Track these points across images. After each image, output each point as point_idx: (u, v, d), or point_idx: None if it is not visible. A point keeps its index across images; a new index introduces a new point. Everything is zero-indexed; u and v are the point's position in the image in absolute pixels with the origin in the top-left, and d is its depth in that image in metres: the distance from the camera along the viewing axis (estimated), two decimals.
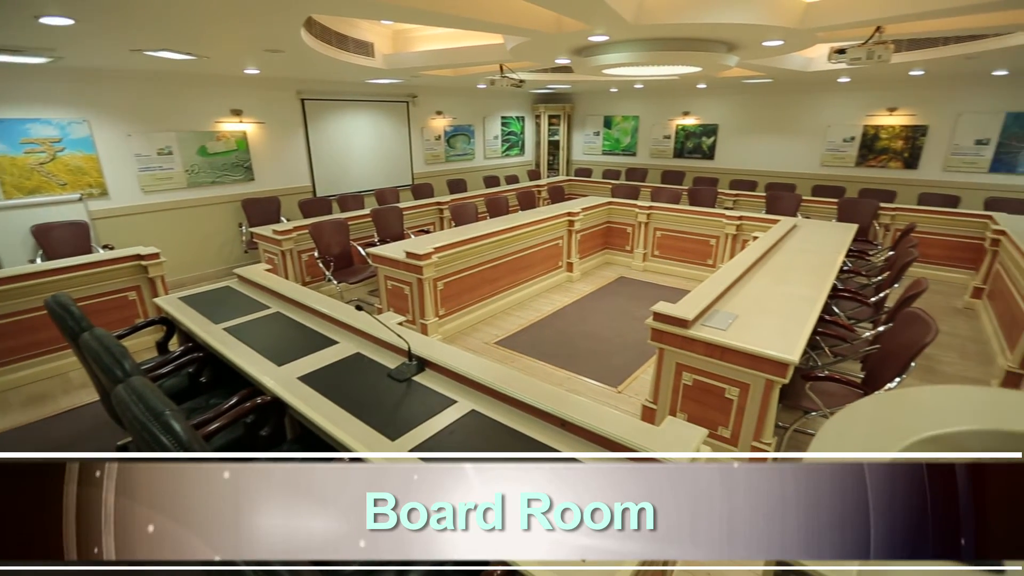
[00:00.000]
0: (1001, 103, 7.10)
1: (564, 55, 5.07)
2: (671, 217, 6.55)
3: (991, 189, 7.16)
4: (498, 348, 4.54)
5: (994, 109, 7.15)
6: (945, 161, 7.63)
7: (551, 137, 11.91)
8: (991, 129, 7.21)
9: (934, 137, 7.66)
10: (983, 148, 7.30)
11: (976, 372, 4.07)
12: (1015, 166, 7.15)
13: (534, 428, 1.82)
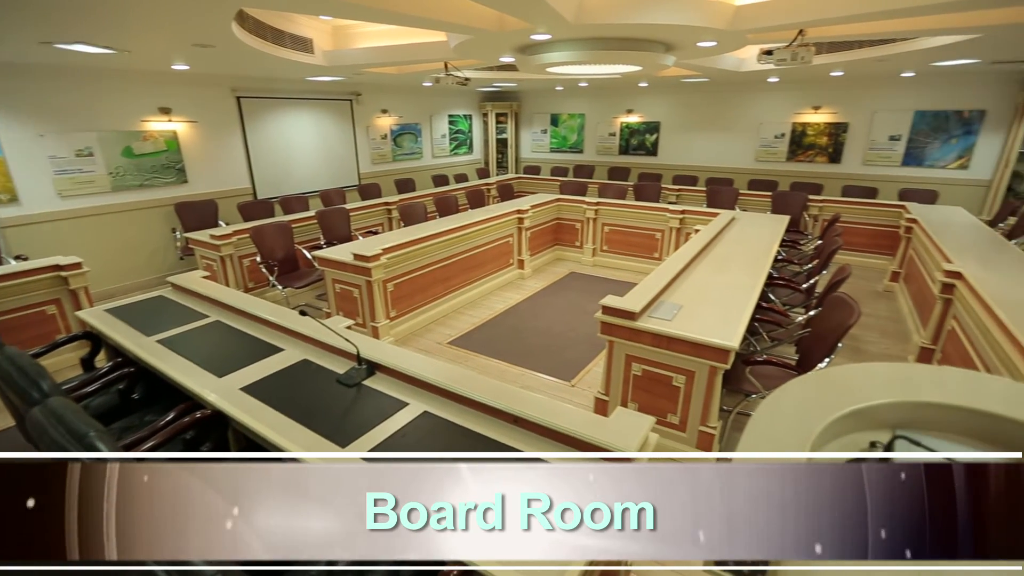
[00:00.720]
0: (910, 102, 7.73)
1: (508, 53, 5.09)
2: (618, 212, 6.72)
3: (904, 181, 7.79)
4: (451, 348, 4.52)
5: (904, 108, 7.77)
6: (864, 156, 8.22)
7: (499, 135, 11.94)
8: (902, 126, 7.84)
9: (854, 133, 8.24)
10: (896, 144, 7.93)
11: (895, 349, 4.42)
12: (923, 160, 7.81)
13: (487, 426, 1.83)
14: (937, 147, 7.69)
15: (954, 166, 7.63)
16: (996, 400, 1.15)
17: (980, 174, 7.50)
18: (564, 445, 1.70)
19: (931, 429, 1.22)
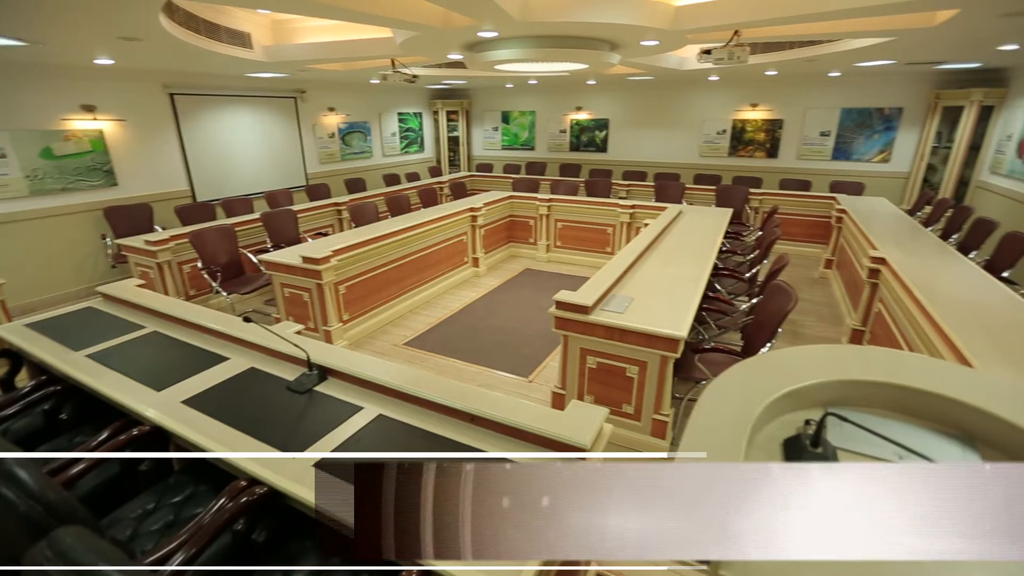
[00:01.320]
0: (837, 100, 8.23)
1: (456, 51, 5.06)
2: (570, 208, 6.82)
3: (834, 174, 8.30)
4: (407, 349, 4.46)
5: (832, 105, 8.27)
6: (798, 150, 8.70)
7: (451, 133, 11.85)
8: (831, 122, 8.34)
9: (788, 129, 8.70)
10: (826, 139, 8.43)
11: (830, 332, 4.71)
12: (850, 154, 8.34)
13: (443, 426, 1.82)
14: (862, 142, 8.23)
15: (877, 159, 8.20)
16: (913, 375, 1.25)
17: (900, 167, 8.09)
18: (521, 441, 1.72)
19: (858, 405, 1.31)
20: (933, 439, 1.19)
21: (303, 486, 1.52)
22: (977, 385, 1.22)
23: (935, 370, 1.31)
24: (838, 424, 1.20)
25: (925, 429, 1.23)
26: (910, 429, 1.22)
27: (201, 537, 1.40)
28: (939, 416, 1.24)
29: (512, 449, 1.69)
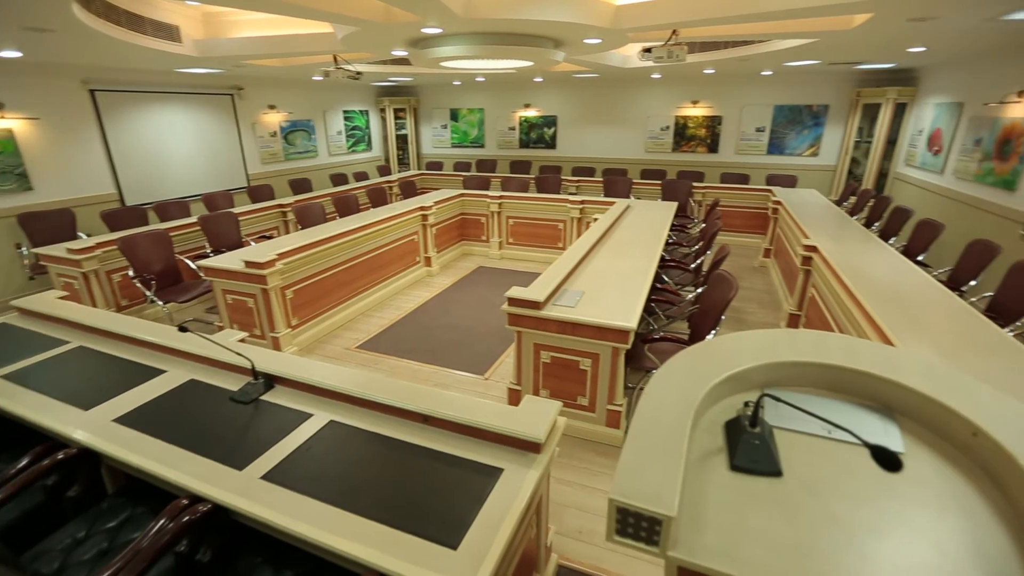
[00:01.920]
0: (770, 97, 8.67)
1: (400, 47, 4.97)
2: (521, 205, 6.86)
3: (769, 168, 8.75)
4: (360, 352, 4.36)
5: (766, 102, 8.71)
6: (737, 146, 9.10)
7: (399, 131, 11.65)
8: (765, 119, 8.78)
9: (727, 126, 9.09)
10: (761, 134, 8.87)
11: (770, 317, 4.97)
12: (783, 148, 8.82)
13: (396, 428, 1.80)
14: (794, 137, 8.72)
15: (807, 153, 8.70)
16: (837, 354, 1.34)
17: (828, 160, 8.62)
18: (476, 439, 1.72)
19: (792, 385, 1.40)
20: (858, 413, 1.28)
21: (250, 500, 1.46)
22: (894, 362, 1.32)
23: (858, 349, 1.41)
24: (774, 404, 1.27)
25: (851, 404, 1.32)
26: (838, 405, 1.31)
27: (139, 562, 1.32)
28: (863, 391, 1.33)
29: (467, 448, 1.69)
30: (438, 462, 1.64)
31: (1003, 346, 2.38)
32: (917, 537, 0.96)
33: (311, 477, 1.57)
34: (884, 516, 1.01)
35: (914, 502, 1.04)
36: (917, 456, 1.15)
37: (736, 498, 1.06)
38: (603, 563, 2.32)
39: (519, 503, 1.44)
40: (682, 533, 0.98)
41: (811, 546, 0.96)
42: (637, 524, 0.96)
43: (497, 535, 1.33)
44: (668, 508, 0.92)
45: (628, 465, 1.02)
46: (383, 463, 1.65)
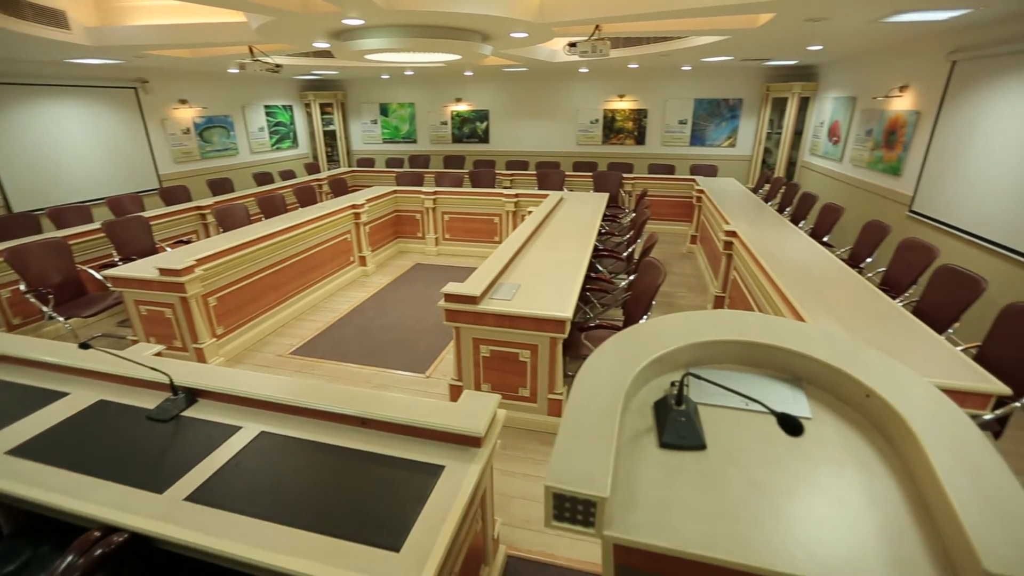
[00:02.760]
0: (691, 91, 9.11)
1: (321, 39, 4.76)
2: (456, 200, 6.81)
3: (692, 158, 9.21)
4: (295, 358, 4.18)
5: (687, 96, 9.14)
6: (662, 138, 9.50)
7: (326, 127, 11.19)
8: (687, 112, 9.22)
9: (652, 118, 9.46)
10: (684, 127, 9.30)
11: (699, 301, 5.25)
12: (705, 140, 9.30)
13: (333, 434, 1.74)
14: (713, 129, 9.21)
15: (726, 144, 9.23)
16: (752, 331, 1.44)
17: (744, 150, 9.19)
18: (415, 438, 1.70)
19: (714, 362, 1.48)
20: (771, 384, 1.38)
21: (173, 524, 1.37)
22: (801, 335, 1.44)
23: (771, 325, 1.52)
24: (698, 382, 1.34)
25: (765, 376, 1.42)
26: (754, 378, 1.41)
27: None
28: (775, 364, 1.44)
29: (407, 447, 1.66)
30: (378, 465, 1.61)
31: (894, 315, 2.65)
32: (823, 493, 1.06)
33: (242, 493, 1.49)
34: (795, 477, 1.11)
35: (820, 461, 1.14)
36: (822, 419, 1.26)
37: (666, 473, 1.12)
38: (552, 549, 2.37)
39: (461, 499, 1.44)
40: (616, 512, 1.02)
41: (734, 511, 1.03)
42: (573, 508, 0.99)
43: (440, 533, 1.33)
44: (600, 490, 0.95)
45: (561, 452, 1.04)
46: (320, 471, 1.59)
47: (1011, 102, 3.82)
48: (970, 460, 1.01)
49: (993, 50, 4.02)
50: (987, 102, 4.09)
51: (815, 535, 0.97)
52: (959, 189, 4.32)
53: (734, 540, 0.97)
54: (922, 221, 4.83)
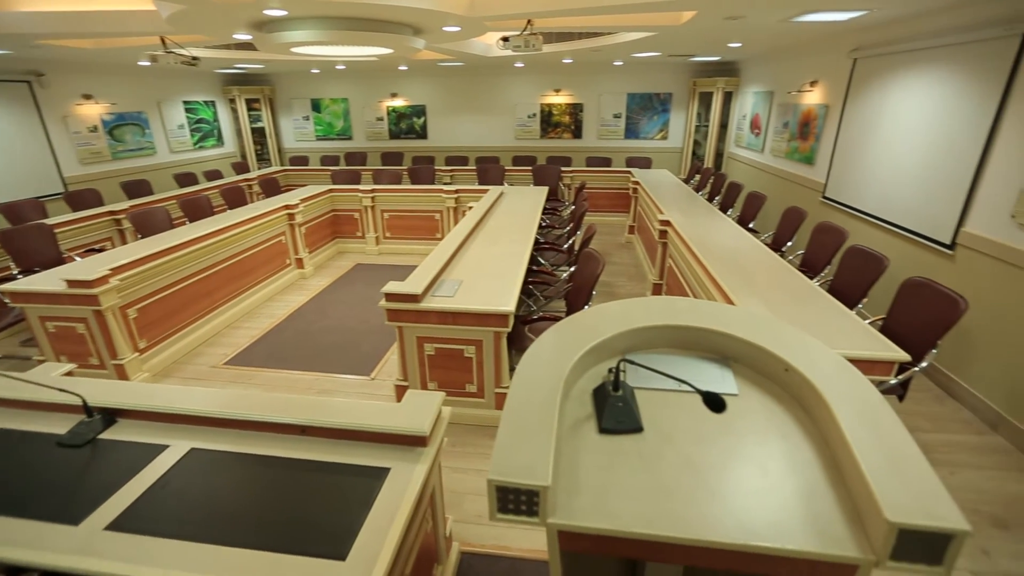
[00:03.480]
0: (623, 86, 9.37)
1: (242, 30, 4.51)
2: (395, 198, 6.68)
3: (627, 151, 9.49)
4: (230, 368, 3.97)
5: (620, 91, 9.39)
6: (598, 131, 9.72)
7: (254, 124, 10.63)
8: (621, 106, 9.48)
9: (588, 112, 9.66)
10: (618, 120, 9.57)
11: (638, 288, 5.43)
12: (639, 133, 9.61)
13: (271, 445, 1.67)
14: (646, 122, 9.54)
15: (658, 137, 9.58)
16: (683, 315, 1.51)
17: (675, 143, 9.58)
18: (358, 442, 1.66)
19: (649, 347, 1.54)
20: (701, 365, 1.45)
21: (92, 557, 1.27)
22: (727, 317, 1.52)
23: (700, 309, 1.59)
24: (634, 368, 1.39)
25: (696, 358, 1.49)
26: (686, 360, 1.48)
27: None
28: (704, 345, 1.51)
29: (350, 452, 1.62)
30: (320, 472, 1.56)
31: (812, 294, 2.86)
32: (749, 464, 1.13)
33: (172, 516, 1.40)
34: (725, 451, 1.17)
35: (746, 434, 1.21)
36: (747, 395, 1.34)
37: (606, 458, 1.15)
38: (505, 541, 2.39)
39: (408, 500, 1.43)
40: (559, 499, 1.04)
41: (671, 489, 1.08)
42: (517, 499, 1.00)
43: (387, 537, 1.31)
44: (542, 479, 0.97)
45: (503, 445, 1.05)
46: (258, 485, 1.53)
47: (904, 96, 4.20)
48: (873, 423, 1.11)
49: (887, 49, 4.40)
50: (884, 96, 4.47)
51: (743, 504, 1.03)
52: (864, 176, 4.71)
53: (671, 516, 1.01)
54: (833, 206, 5.23)
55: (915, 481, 0.97)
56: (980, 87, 3.38)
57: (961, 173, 3.50)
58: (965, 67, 3.53)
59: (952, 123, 3.62)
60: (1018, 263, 3.02)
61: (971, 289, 3.31)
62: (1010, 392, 3.07)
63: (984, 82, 3.35)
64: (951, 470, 2.82)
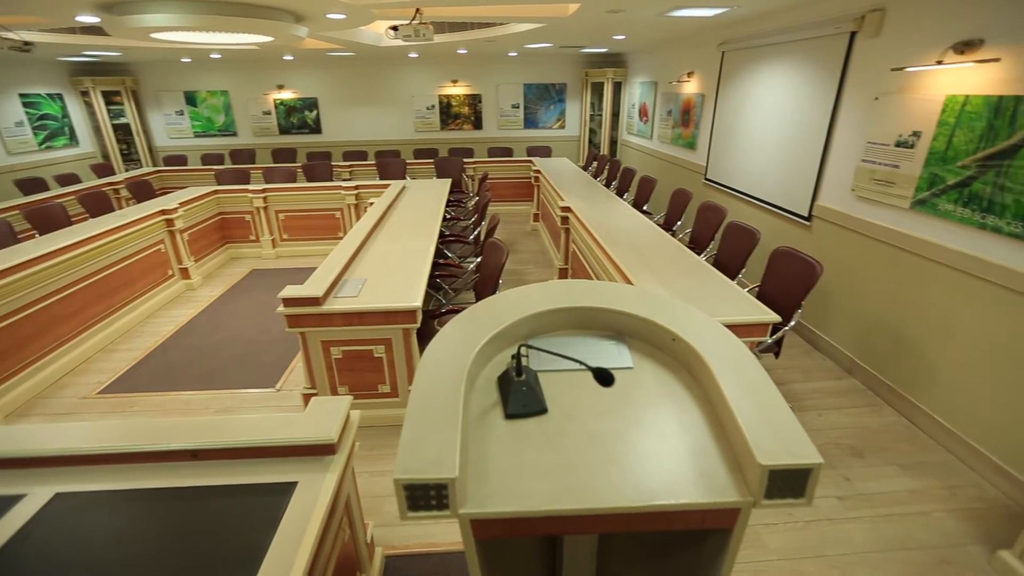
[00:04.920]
0: (520, 76, 9.51)
1: (86, 12, 3.96)
2: (290, 197, 6.28)
3: (527, 140, 9.68)
4: (106, 397, 3.53)
5: (517, 81, 9.53)
6: (498, 122, 9.80)
7: (116, 120, 9.41)
8: (518, 96, 9.62)
9: (487, 103, 9.69)
10: (517, 111, 9.71)
11: (545, 275, 5.59)
12: (537, 123, 9.82)
13: (158, 476, 1.51)
14: (544, 112, 9.77)
15: (556, 126, 9.86)
16: (581, 297, 1.57)
17: (572, 132, 9.92)
18: (259, 459, 1.56)
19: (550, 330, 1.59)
20: (599, 343, 1.53)
21: None
22: (620, 295, 1.61)
23: (596, 290, 1.67)
24: (536, 353, 1.43)
25: (594, 337, 1.57)
26: (584, 340, 1.55)
27: None
28: (601, 324, 1.59)
29: (252, 471, 1.52)
30: (217, 497, 1.44)
31: (699, 269, 3.11)
32: (646, 431, 1.21)
33: (34, 573, 1.23)
34: (624, 422, 1.25)
35: (642, 403, 1.30)
36: (642, 367, 1.44)
37: (514, 442, 1.18)
38: (432, 538, 2.38)
39: (319, 513, 1.36)
40: (470, 489, 1.05)
41: (575, 464, 1.13)
42: (426, 495, 0.99)
43: (298, 555, 1.24)
44: (449, 471, 0.97)
45: (408, 442, 1.04)
46: (143, 522, 1.38)
47: (765, 86, 4.67)
48: (747, 380, 1.24)
49: (749, 43, 4.86)
50: (749, 86, 4.95)
51: (642, 469, 1.11)
52: (737, 159, 5.20)
53: (577, 490, 1.06)
54: (714, 187, 5.72)
55: (779, 427, 1.10)
56: (822, 78, 3.85)
57: (812, 154, 3.97)
58: (810, 60, 4.00)
59: (803, 110, 4.10)
60: (858, 229, 3.50)
61: (825, 254, 3.79)
62: (859, 340, 3.57)
63: (825, 73, 3.82)
64: (819, 412, 3.23)
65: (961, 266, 2.74)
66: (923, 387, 3.05)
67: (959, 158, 2.73)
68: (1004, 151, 2.50)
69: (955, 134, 2.75)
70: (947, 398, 2.89)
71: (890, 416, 3.20)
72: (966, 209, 2.70)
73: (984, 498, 2.57)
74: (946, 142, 2.81)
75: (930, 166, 2.91)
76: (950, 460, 2.82)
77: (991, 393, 2.64)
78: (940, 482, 2.67)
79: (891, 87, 3.18)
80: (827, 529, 2.40)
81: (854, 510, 2.50)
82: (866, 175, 3.40)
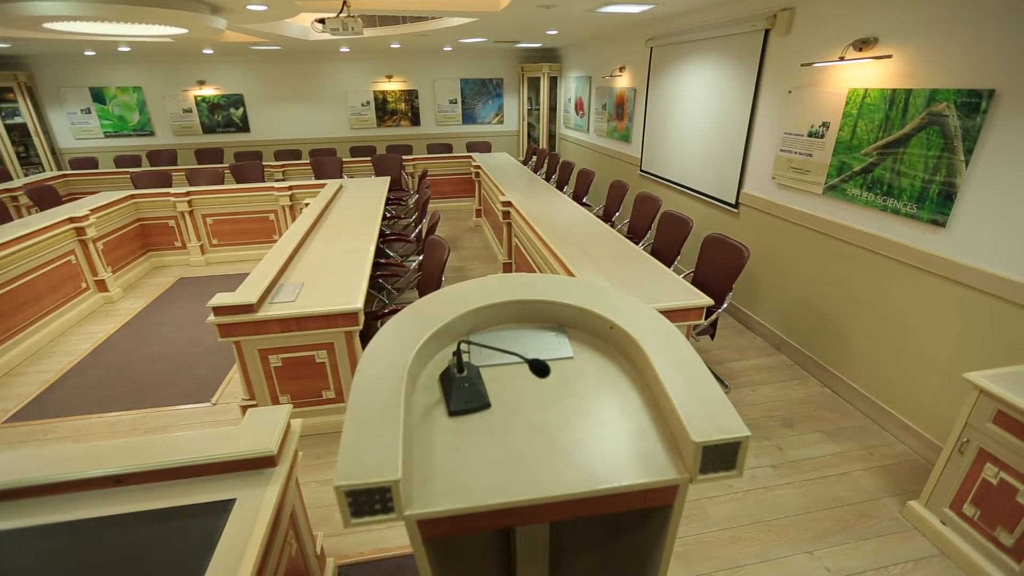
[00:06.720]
0: (456, 72, 9.43)
1: None
2: (218, 200, 5.94)
3: (467, 136, 9.63)
4: (13, 426, 3.22)
5: (454, 76, 9.44)
6: (436, 118, 9.68)
7: (9, 120, 8.52)
8: (455, 91, 9.54)
9: (424, 99, 9.55)
10: (455, 106, 9.63)
11: (490, 270, 5.60)
12: (476, 118, 9.79)
13: (76, 507, 1.40)
14: (482, 107, 9.74)
15: (495, 122, 9.87)
16: (519, 291, 1.59)
17: (511, 126, 9.96)
18: (193, 478, 1.47)
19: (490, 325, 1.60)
20: (539, 335, 1.55)
21: None
22: (558, 287, 1.64)
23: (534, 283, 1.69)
24: (476, 348, 1.43)
25: (535, 329, 1.59)
26: (525, 333, 1.56)
27: None
28: (542, 316, 1.62)
29: (184, 492, 1.43)
30: (145, 524, 1.35)
31: (637, 258, 3.21)
32: (587, 419, 1.24)
33: None
34: (567, 411, 1.27)
35: (584, 392, 1.33)
36: (582, 356, 1.47)
37: (458, 439, 1.17)
38: (386, 543, 2.34)
39: (260, 529, 1.31)
40: (415, 490, 1.04)
41: (520, 455, 1.14)
42: (370, 500, 0.97)
43: (238, 574, 1.19)
44: (391, 474, 0.96)
45: (348, 447, 1.02)
46: (59, 561, 1.27)
47: (691, 80, 4.88)
48: (680, 363, 1.30)
49: (675, 39, 5.06)
50: (676, 80, 5.15)
51: (586, 456, 1.14)
52: (669, 150, 5.40)
53: (523, 481, 1.07)
54: (649, 178, 5.92)
55: (710, 404, 1.16)
56: (742, 73, 4.07)
57: (736, 144, 4.20)
58: (731, 56, 4.21)
59: (727, 102, 4.31)
60: (780, 215, 3.74)
61: (752, 239, 4.02)
62: (786, 319, 3.83)
63: (744, 68, 4.03)
64: (753, 388, 3.44)
65: (868, 245, 2.99)
66: (841, 358, 3.31)
67: (862, 146, 2.97)
68: (899, 139, 2.75)
69: (858, 124, 2.99)
70: (861, 366, 3.15)
71: (815, 387, 3.45)
72: (870, 193, 2.95)
73: (895, 455, 2.83)
74: (851, 132, 3.05)
75: (838, 154, 3.15)
76: (866, 423, 3.09)
77: (896, 358, 2.91)
78: (858, 444, 2.91)
79: (802, 81, 3.41)
80: (764, 496, 2.57)
81: (786, 477, 2.68)
82: (784, 164, 3.63)
